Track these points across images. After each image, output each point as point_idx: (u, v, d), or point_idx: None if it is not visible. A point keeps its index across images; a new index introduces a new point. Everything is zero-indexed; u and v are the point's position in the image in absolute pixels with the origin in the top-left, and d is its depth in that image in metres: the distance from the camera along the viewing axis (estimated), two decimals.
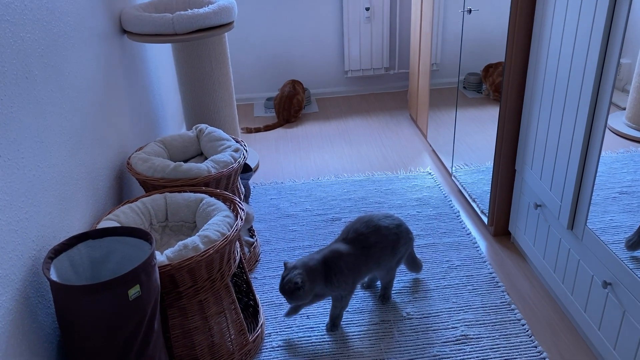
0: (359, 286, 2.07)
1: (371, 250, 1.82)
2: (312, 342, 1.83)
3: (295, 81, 3.74)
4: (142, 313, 1.31)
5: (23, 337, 1.25)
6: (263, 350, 1.81)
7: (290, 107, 3.63)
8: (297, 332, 1.88)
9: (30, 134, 1.37)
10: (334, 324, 1.88)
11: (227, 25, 2.30)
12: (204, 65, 2.56)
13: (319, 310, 1.96)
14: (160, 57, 2.89)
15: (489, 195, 2.30)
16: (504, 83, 2.04)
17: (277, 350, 1.81)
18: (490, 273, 2.11)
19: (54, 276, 1.30)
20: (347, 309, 1.95)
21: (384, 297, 1.98)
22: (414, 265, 2.05)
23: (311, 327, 1.90)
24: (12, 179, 1.27)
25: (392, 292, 2.02)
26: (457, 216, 2.49)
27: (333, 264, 1.76)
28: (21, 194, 1.30)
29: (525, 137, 2.02)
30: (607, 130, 1.52)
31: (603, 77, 1.50)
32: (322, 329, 1.88)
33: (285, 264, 1.76)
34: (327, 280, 1.75)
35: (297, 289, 1.69)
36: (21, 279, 1.27)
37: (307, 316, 1.94)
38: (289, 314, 1.86)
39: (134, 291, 1.27)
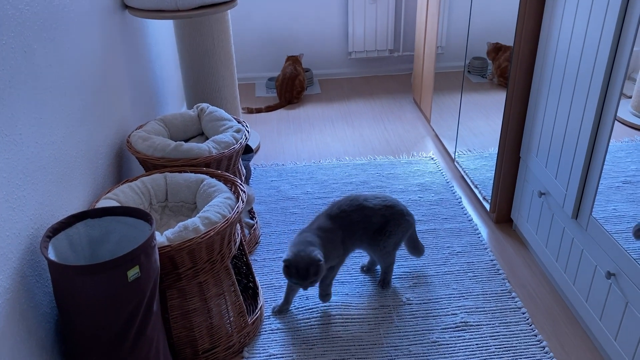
0: (358, 270, 2.06)
1: (353, 227, 1.83)
2: (310, 325, 1.82)
3: (295, 60, 3.67)
4: (141, 294, 1.30)
5: (20, 317, 1.24)
6: (262, 333, 1.81)
7: (292, 88, 3.59)
8: (296, 314, 1.87)
9: (28, 109, 1.34)
10: (325, 294, 1.88)
11: (230, 2, 2.26)
12: (206, 43, 2.51)
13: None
14: (162, 34, 2.84)
15: (491, 181, 2.28)
16: (511, 68, 2.00)
17: (276, 332, 1.81)
18: (491, 260, 2.10)
19: (52, 255, 1.29)
20: (348, 295, 1.95)
21: (383, 283, 1.97)
22: (415, 249, 2.03)
23: (310, 308, 1.89)
24: (10, 155, 1.24)
25: (392, 277, 2.01)
26: (459, 202, 2.47)
27: (326, 239, 1.77)
28: (19, 171, 1.28)
29: (532, 124, 1.99)
30: None
31: (615, 65, 1.46)
32: (321, 310, 1.88)
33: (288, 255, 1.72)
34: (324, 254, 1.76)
35: (319, 264, 1.68)
36: (18, 258, 1.25)
37: (307, 297, 1.93)
38: (281, 310, 1.87)
39: (133, 272, 1.25)
